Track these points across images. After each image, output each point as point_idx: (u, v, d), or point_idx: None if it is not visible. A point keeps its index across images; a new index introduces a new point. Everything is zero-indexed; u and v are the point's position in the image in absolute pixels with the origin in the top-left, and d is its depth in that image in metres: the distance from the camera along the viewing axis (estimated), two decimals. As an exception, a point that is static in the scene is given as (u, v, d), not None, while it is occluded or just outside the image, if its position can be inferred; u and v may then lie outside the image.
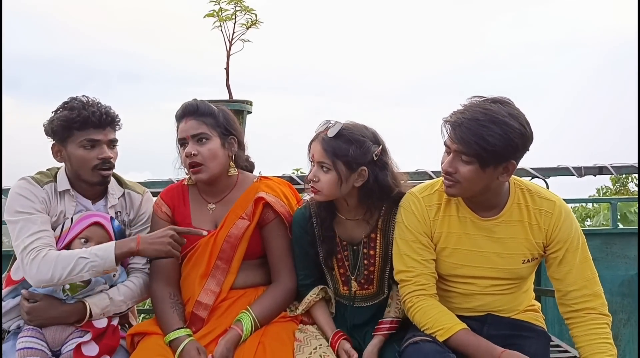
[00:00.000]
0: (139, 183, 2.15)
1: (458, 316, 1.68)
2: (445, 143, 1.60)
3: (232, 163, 1.93)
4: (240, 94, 2.85)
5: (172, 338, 1.72)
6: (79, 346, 1.70)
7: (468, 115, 1.53)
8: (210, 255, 1.86)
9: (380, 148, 1.77)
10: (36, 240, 1.73)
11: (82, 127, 1.80)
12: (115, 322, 1.82)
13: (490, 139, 1.50)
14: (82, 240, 1.80)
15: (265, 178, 2.01)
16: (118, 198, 1.95)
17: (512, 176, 1.69)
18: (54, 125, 1.83)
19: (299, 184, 2.39)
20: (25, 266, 1.71)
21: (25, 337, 1.72)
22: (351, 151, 1.71)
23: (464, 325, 1.62)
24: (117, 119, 1.88)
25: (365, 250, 1.87)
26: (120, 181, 1.99)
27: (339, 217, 1.87)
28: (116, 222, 1.88)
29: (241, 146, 1.97)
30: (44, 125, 1.88)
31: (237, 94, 2.84)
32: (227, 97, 2.77)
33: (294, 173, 2.59)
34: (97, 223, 1.82)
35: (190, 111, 1.86)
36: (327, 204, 1.84)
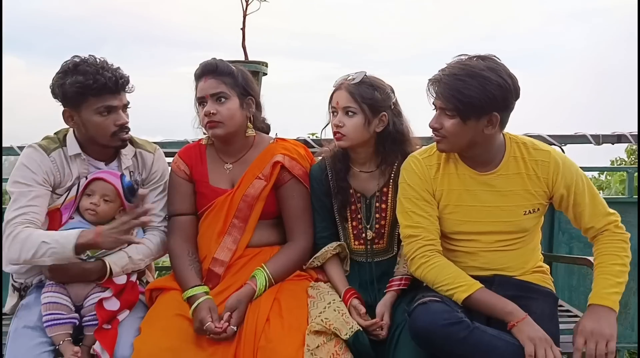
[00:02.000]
0: (155, 142, 2.14)
1: None
2: (432, 103, 1.67)
3: (249, 124, 1.94)
4: (254, 57, 2.83)
5: (189, 295, 1.77)
6: (100, 301, 1.74)
7: (447, 71, 1.62)
8: (227, 214, 1.89)
9: (396, 97, 1.88)
10: (19, 215, 1.73)
11: (98, 93, 1.76)
12: (133, 278, 1.86)
13: (466, 92, 1.56)
14: (87, 195, 1.82)
15: (282, 139, 2.02)
16: (131, 158, 1.94)
17: (507, 131, 1.73)
18: (66, 90, 1.76)
19: (314, 147, 2.40)
20: (3, 240, 1.72)
21: (50, 292, 1.77)
22: (376, 94, 1.82)
23: (480, 284, 1.64)
24: (129, 82, 1.84)
25: (377, 204, 1.92)
26: (131, 140, 1.96)
27: (353, 170, 1.93)
28: (127, 178, 1.87)
29: (258, 107, 1.98)
30: (50, 87, 1.82)
31: (251, 58, 2.82)
32: (242, 58, 2.76)
33: (309, 137, 2.59)
34: (98, 178, 1.82)
35: (209, 70, 1.86)
36: (342, 157, 1.91)
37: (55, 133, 1.92)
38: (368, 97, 1.80)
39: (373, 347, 1.70)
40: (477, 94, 1.56)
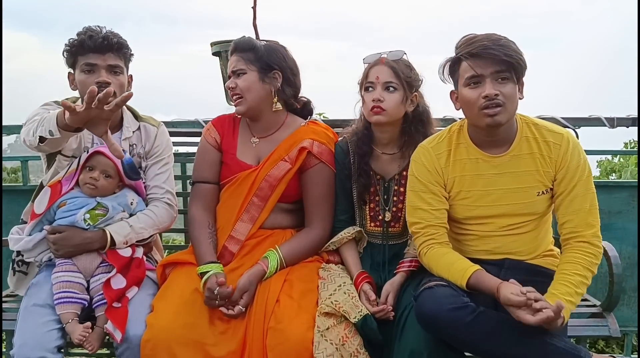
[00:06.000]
0: (167, 122, 2.17)
1: (476, 260, 1.70)
2: (472, 76, 1.61)
3: (275, 99, 1.94)
4: (267, 37, 2.81)
5: (204, 271, 1.77)
6: (107, 281, 1.76)
7: (484, 37, 1.62)
8: (249, 191, 1.90)
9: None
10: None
11: (81, 52, 1.83)
12: (139, 254, 1.87)
13: (518, 50, 1.60)
14: (87, 168, 1.85)
15: (314, 122, 2.02)
16: (133, 131, 1.98)
17: (518, 113, 1.71)
18: (63, 52, 1.88)
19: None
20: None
21: (62, 271, 1.79)
22: (413, 74, 1.86)
23: (474, 268, 1.62)
24: (121, 46, 1.87)
25: (396, 187, 1.93)
26: (135, 115, 2.02)
27: (375, 151, 1.94)
28: (127, 155, 1.89)
29: (289, 82, 1.95)
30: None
31: (264, 37, 2.79)
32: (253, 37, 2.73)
33: (318, 117, 2.57)
34: (98, 152, 1.85)
35: (234, 49, 1.94)
36: (366, 139, 1.92)
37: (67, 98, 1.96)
38: (407, 75, 1.84)
39: (380, 328, 1.71)
40: (520, 55, 1.60)
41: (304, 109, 2.04)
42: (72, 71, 1.91)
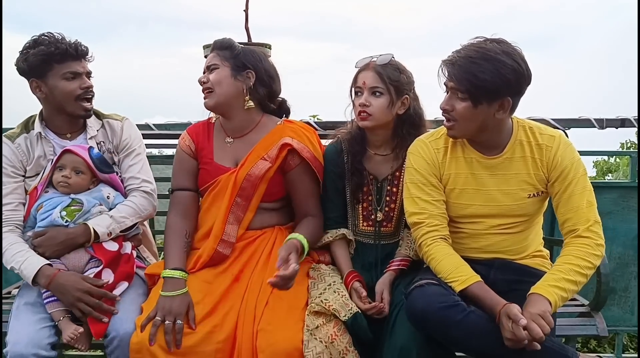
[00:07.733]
0: (158, 124, 2.18)
1: (467, 258, 1.71)
2: (444, 83, 1.65)
3: (247, 97, 1.93)
4: (260, 39, 2.82)
5: (167, 276, 1.77)
6: (98, 274, 1.77)
7: (462, 54, 1.60)
8: (232, 192, 1.89)
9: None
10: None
11: (61, 60, 1.86)
12: (128, 250, 1.89)
13: (480, 76, 1.55)
14: (59, 168, 1.88)
15: (289, 121, 2.02)
16: (97, 130, 2.00)
17: (515, 116, 1.72)
18: (31, 61, 1.85)
19: (318, 130, 2.40)
20: None
21: None
22: (402, 77, 1.85)
23: (478, 278, 1.63)
24: (89, 51, 1.94)
25: (389, 187, 1.95)
26: (97, 114, 2.03)
27: (368, 152, 1.96)
28: (95, 150, 1.93)
29: (263, 83, 1.95)
30: (15, 64, 1.90)
31: (256, 39, 2.81)
32: (245, 40, 2.75)
33: (311, 119, 2.59)
34: (66, 151, 1.88)
35: (213, 47, 1.96)
36: (359, 139, 1.94)
37: (25, 119, 1.99)
38: (394, 79, 1.83)
39: (371, 327, 1.72)
40: (492, 77, 1.55)
41: (281, 109, 2.04)
42: (35, 79, 1.89)
